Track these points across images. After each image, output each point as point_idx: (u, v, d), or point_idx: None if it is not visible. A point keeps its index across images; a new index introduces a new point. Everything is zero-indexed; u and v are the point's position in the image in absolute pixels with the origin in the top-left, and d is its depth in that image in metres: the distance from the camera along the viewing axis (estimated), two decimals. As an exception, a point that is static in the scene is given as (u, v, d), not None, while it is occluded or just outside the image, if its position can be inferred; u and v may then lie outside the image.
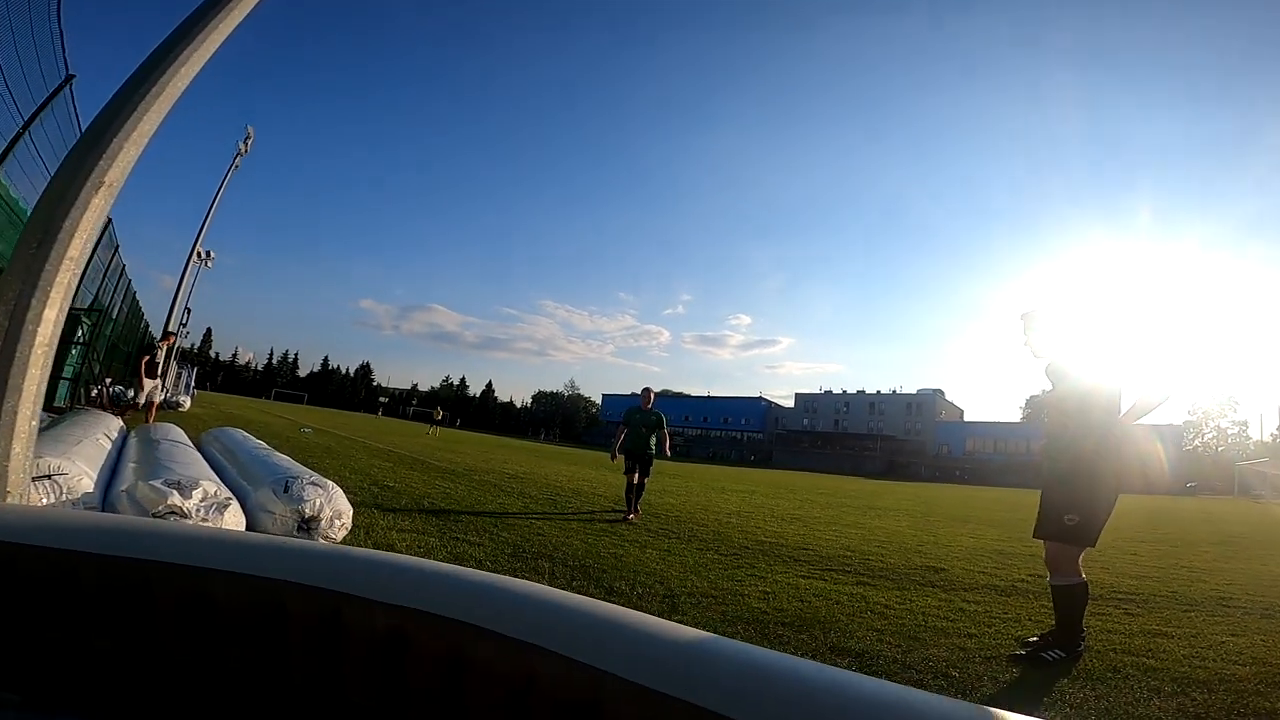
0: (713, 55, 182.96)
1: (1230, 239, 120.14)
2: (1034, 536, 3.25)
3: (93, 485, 3.07)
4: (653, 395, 7.88)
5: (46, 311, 1.37)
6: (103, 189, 1.43)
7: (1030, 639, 3.33)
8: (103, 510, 3.07)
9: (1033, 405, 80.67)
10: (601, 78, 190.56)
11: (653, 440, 7.67)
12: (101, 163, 1.42)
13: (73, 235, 1.39)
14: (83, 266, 1.55)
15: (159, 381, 10.36)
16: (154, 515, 2.93)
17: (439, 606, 0.75)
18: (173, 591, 0.82)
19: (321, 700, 0.82)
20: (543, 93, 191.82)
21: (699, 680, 0.58)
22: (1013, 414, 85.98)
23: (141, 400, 9.94)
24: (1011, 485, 41.29)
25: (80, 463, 3.19)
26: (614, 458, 7.80)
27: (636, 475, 7.53)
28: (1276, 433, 66.68)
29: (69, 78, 7.18)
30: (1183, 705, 2.47)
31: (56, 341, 1.49)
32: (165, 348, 10.83)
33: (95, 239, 1.56)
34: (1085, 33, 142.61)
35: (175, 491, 3.03)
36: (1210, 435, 72.32)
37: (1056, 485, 3.12)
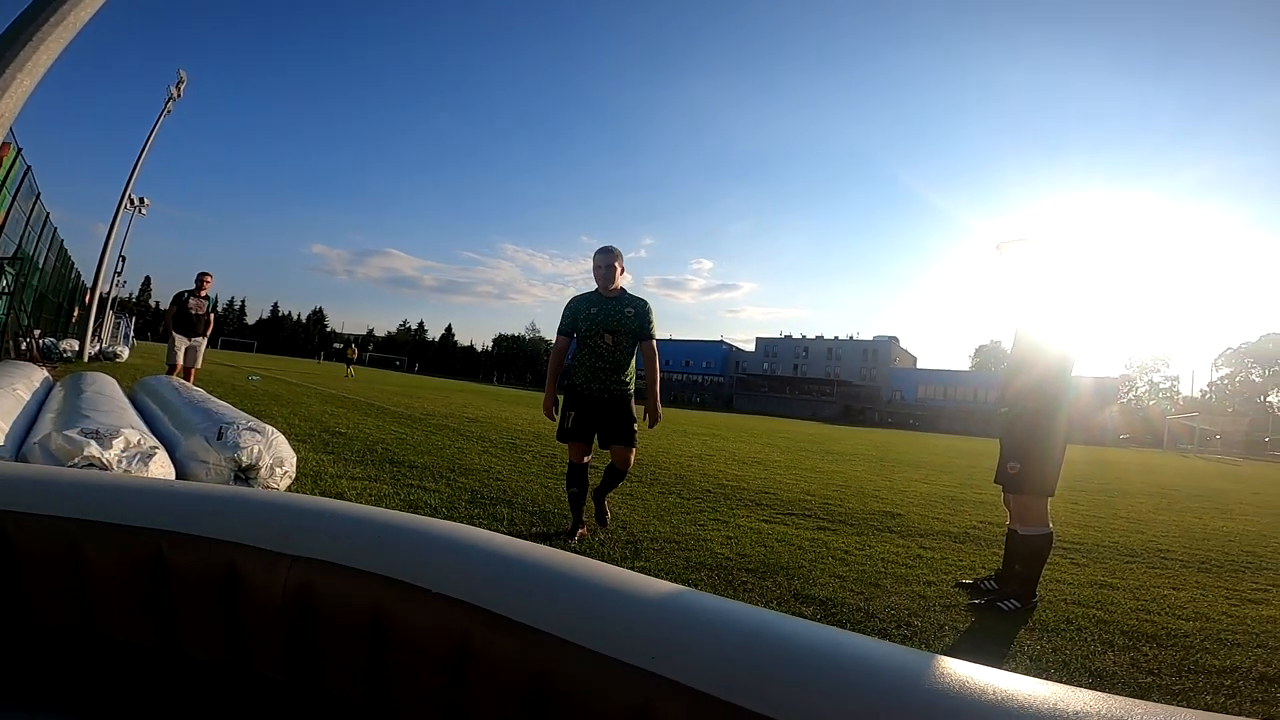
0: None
1: (1169, 201, 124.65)
2: (994, 482, 3.36)
3: (2, 438, 2.77)
4: (620, 267, 3.66)
5: None
6: None
7: (966, 581, 3.42)
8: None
9: (981, 354, 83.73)
10: (565, 14, 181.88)
11: (625, 365, 3.64)
12: None
13: None
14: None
15: (202, 341, 8.22)
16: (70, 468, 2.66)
17: (352, 558, 0.66)
18: (31, 545, 0.73)
19: (219, 670, 0.72)
20: (502, 31, 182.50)
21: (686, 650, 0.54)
22: (962, 362, 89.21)
23: (179, 362, 8.01)
24: (960, 433, 43.09)
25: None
26: (552, 412, 3.69)
27: (595, 445, 3.68)
28: (1206, 389, 70.96)
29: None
30: (1135, 660, 2.52)
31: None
32: (205, 294, 8.33)
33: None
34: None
35: (93, 441, 2.75)
36: (1143, 390, 76.55)
37: (1005, 434, 3.25)
